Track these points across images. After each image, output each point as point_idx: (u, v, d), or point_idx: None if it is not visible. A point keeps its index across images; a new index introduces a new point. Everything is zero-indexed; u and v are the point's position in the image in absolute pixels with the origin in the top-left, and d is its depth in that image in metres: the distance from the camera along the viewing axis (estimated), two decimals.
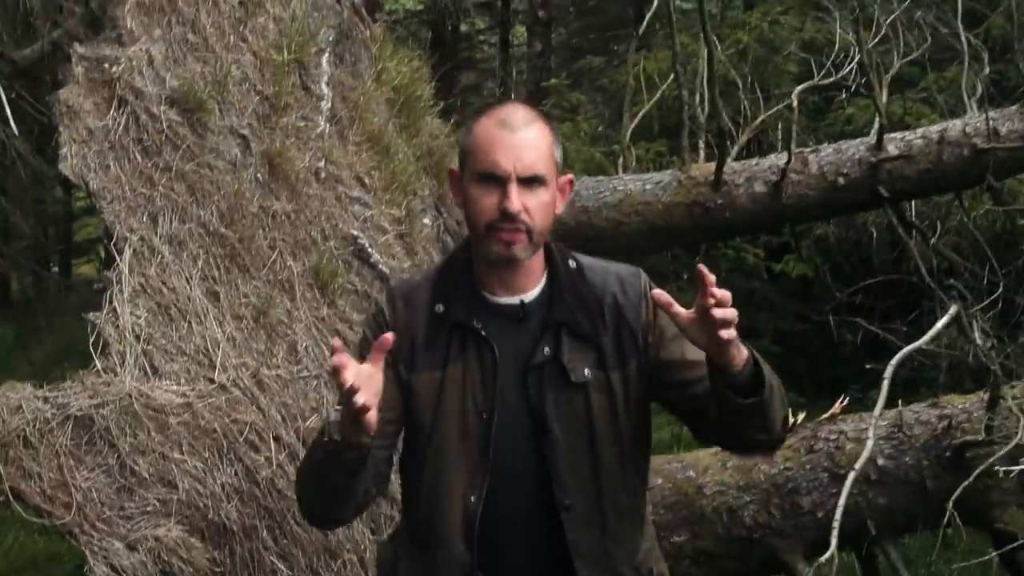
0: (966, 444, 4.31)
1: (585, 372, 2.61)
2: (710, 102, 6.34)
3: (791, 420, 4.02)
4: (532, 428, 2.60)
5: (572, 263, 2.69)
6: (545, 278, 2.66)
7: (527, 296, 2.64)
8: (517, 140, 2.51)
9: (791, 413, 3.56)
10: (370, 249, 4.55)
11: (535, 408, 2.60)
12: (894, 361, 4.51)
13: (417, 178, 5.21)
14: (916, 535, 5.11)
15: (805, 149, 6.15)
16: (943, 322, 4.82)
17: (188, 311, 3.82)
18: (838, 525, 4.11)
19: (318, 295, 4.27)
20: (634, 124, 7.11)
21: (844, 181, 5.92)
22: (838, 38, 6.95)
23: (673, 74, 6.67)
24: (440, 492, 2.60)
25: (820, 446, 4.56)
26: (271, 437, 3.70)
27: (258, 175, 4.36)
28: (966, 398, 4.66)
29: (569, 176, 2.69)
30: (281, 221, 4.33)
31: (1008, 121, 5.89)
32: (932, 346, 5.60)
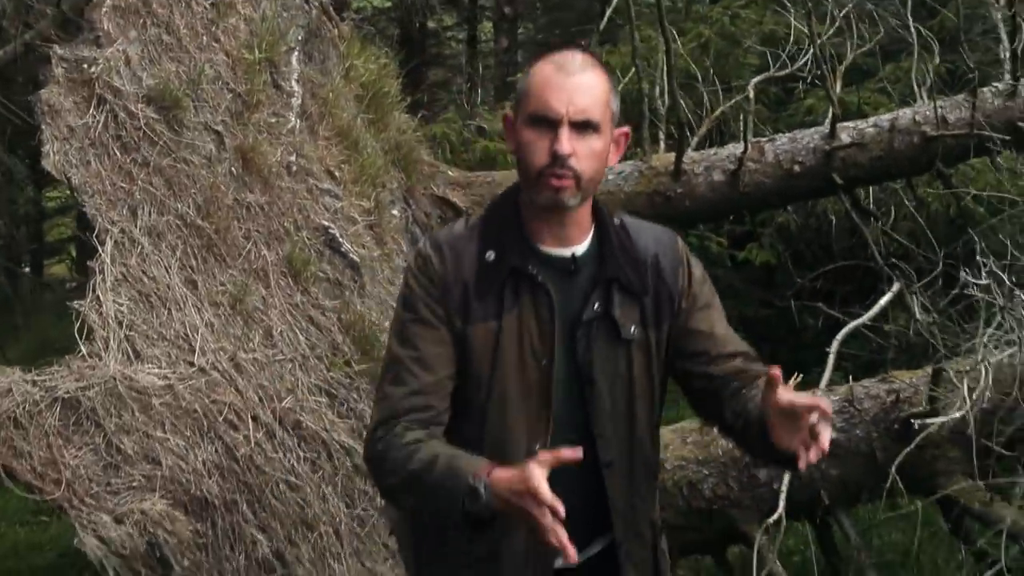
0: (912, 416, 4.44)
1: (632, 330, 2.56)
2: (669, 94, 6.41)
3: None
4: (578, 381, 2.54)
5: (617, 220, 2.63)
6: (593, 232, 2.58)
7: (578, 249, 2.56)
8: (572, 83, 2.41)
9: None
10: (341, 239, 4.61)
11: (581, 363, 2.53)
12: (839, 337, 4.66)
13: (385, 171, 5.26)
14: (871, 506, 5.24)
15: (762, 139, 6.21)
16: (886, 299, 4.99)
17: (168, 299, 3.88)
18: (786, 489, 4.27)
19: (291, 283, 4.34)
20: None
21: (799, 169, 6.02)
22: (793, 30, 6.99)
23: (634, 68, 6.78)
24: (505, 442, 2.50)
25: None
26: (249, 417, 3.78)
27: (232, 169, 4.42)
28: (913, 373, 4.80)
29: (625, 129, 2.59)
30: (255, 213, 4.39)
31: (956, 109, 6.03)
32: (892, 328, 5.81)
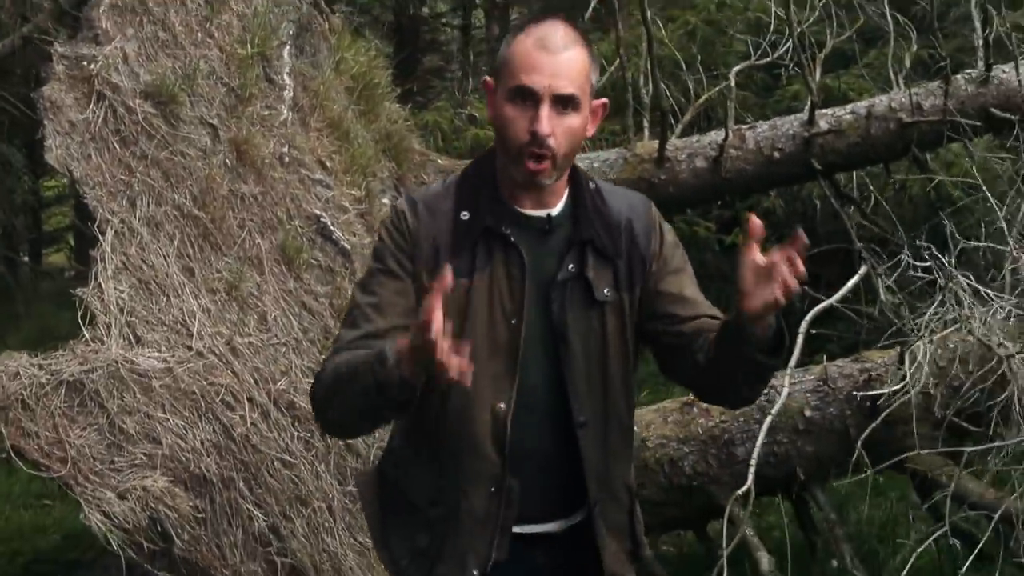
0: (882, 394, 4.60)
1: (605, 291, 2.58)
2: (653, 83, 6.53)
3: None
4: (552, 342, 2.56)
5: (592, 184, 2.66)
6: (567, 195, 2.62)
7: (553, 211, 2.59)
8: (554, 61, 2.45)
9: None
10: (332, 227, 4.71)
11: (556, 323, 2.55)
12: (808, 318, 4.82)
13: (376, 160, 5.37)
14: (848, 481, 5.40)
15: (743, 126, 6.33)
16: (852, 281, 5.14)
17: (166, 286, 3.98)
18: (755, 463, 4.42)
19: (285, 270, 4.44)
20: None
21: (779, 155, 6.16)
22: (773, 18, 7.07)
23: (617, 56, 6.90)
24: (469, 398, 2.51)
25: None
26: (245, 398, 3.89)
27: (227, 161, 4.51)
28: (885, 353, 4.95)
29: (603, 100, 2.62)
30: (249, 203, 4.48)
31: (930, 96, 6.16)
32: (863, 309, 5.96)
